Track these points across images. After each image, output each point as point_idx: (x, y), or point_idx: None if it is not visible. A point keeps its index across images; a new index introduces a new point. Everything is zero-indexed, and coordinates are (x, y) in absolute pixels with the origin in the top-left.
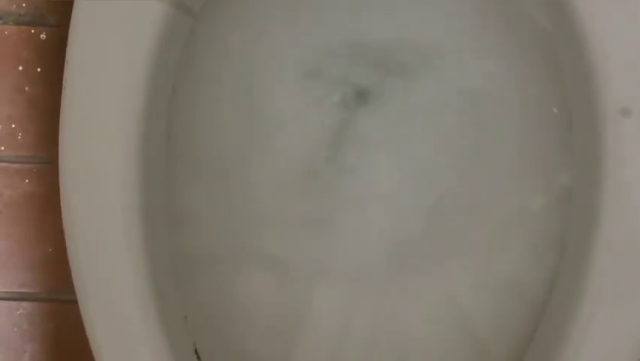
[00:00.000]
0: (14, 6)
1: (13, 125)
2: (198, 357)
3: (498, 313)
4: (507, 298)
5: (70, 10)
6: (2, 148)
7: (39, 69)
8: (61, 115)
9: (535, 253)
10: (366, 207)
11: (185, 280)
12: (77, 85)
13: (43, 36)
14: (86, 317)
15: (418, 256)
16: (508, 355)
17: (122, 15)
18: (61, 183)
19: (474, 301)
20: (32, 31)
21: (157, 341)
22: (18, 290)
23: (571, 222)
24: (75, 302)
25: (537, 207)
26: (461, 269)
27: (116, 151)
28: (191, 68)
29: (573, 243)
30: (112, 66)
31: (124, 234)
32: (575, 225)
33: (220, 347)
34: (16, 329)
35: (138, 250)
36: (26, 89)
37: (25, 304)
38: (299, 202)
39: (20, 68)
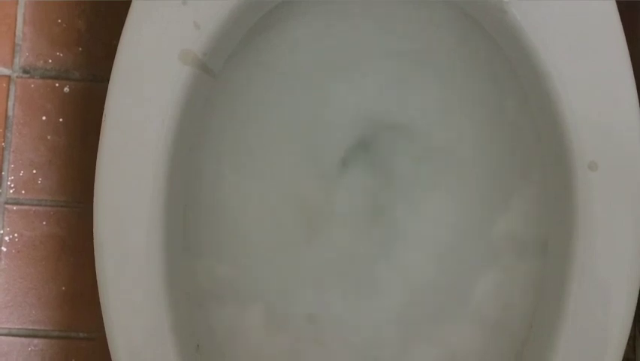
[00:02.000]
0: (41, 61)
1: (34, 171)
2: None
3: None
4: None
5: (93, 67)
6: (23, 192)
7: (61, 119)
8: (98, 162)
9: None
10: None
11: (199, 312)
12: (112, 137)
13: (66, 89)
14: (110, 338)
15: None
16: None
17: (152, 76)
18: (95, 218)
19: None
20: (57, 84)
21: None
22: (31, 327)
23: (546, 268)
24: (85, 340)
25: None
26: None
27: (143, 193)
28: (209, 121)
29: (549, 288)
30: (142, 121)
31: (148, 270)
32: (551, 270)
33: None
34: None
35: (159, 283)
36: (48, 137)
37: (36, 341)
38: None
39: (44, 118)
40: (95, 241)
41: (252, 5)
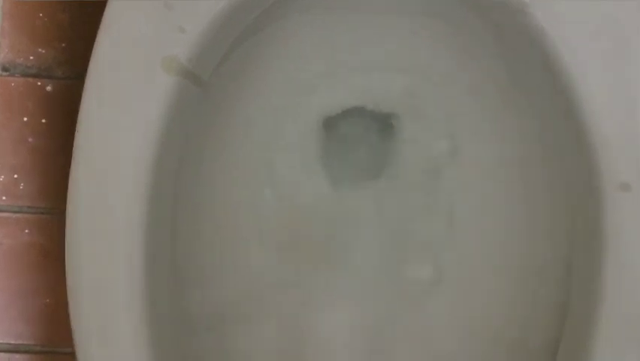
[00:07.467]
0: (21, 58)
1: (16, 176)
2: None
3: None
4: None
5: (77, 65)
6: (3, 198)
7: (44, 120)
8: (70, 181)
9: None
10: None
11: (185, 338)
12: (86, 154)
13: (49, 88)
14: None
15: None
16: None
17: (132, 87)
18: (67, 236)
19: None
20: (39, 83)
21: None
22: (13, 342)
23: (572, 295)
24: (70, 354)
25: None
26: None
27: (122, 208)
28: (198, 136)
29: (575, 316)
30: (121, 137)
31: (126, 289)
32: (576, 298)
33: None
34: None
35: (141, 308)
36: (30, 139)
37: (17, 356)
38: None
39: (25, 119)
40: (66, 257)
41: (243, 6)
